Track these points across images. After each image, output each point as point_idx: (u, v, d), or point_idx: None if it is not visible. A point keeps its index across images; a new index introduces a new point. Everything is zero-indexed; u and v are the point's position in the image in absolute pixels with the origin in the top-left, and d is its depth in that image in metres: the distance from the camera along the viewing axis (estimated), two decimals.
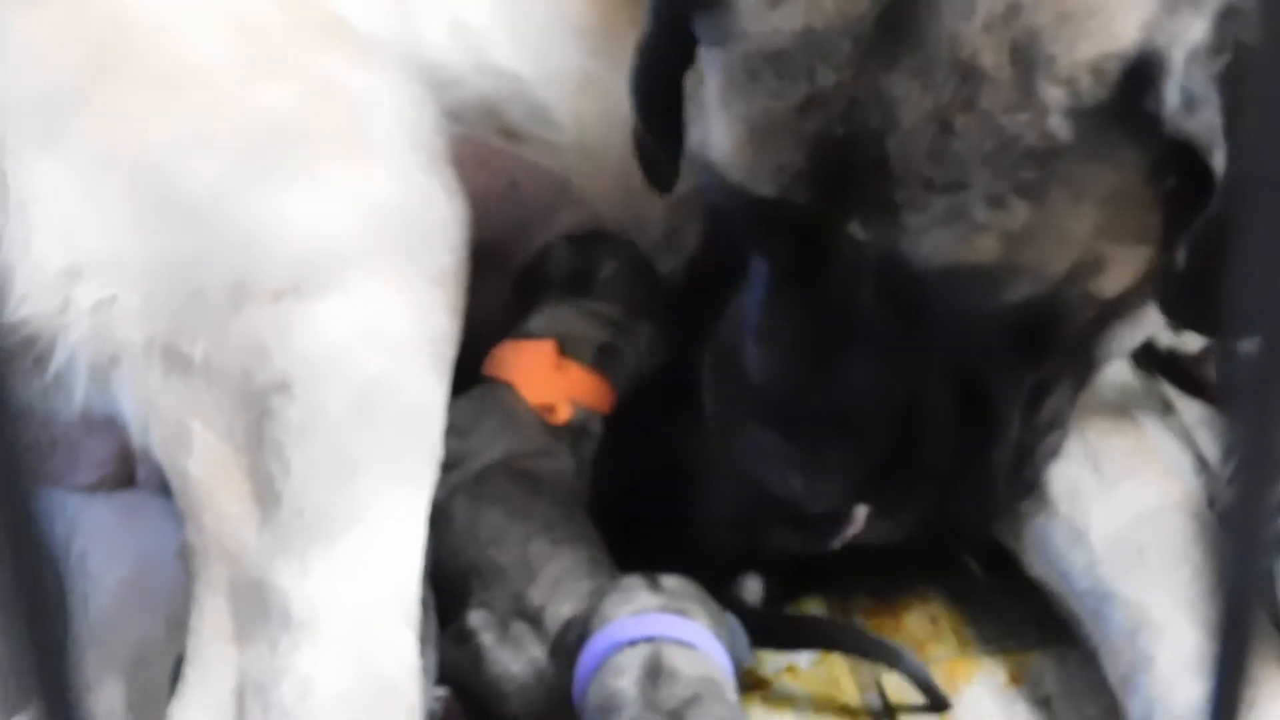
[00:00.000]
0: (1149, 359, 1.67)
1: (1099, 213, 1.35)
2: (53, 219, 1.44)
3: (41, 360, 1.44)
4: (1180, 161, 1.34)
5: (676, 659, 1.42)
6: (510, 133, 1.83)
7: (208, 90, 1.51)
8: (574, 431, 1.64)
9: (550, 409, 1.63)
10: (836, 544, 1.53)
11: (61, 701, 0.53)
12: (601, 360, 1.67)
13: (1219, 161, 1.28)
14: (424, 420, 1.47)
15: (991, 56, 1.28)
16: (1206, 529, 1.52)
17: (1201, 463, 1.71)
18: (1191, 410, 1.75)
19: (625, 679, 1.40)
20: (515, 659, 1.48)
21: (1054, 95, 1.29)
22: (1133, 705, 1.45)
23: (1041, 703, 1.57)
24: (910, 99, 1.30)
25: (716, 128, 1.41)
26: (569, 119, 1.83)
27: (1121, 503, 1.54)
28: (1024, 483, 1.53)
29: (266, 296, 1.43)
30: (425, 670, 1.44)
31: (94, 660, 1.56)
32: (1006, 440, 1.48)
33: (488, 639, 1.48)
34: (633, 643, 1.42)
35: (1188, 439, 1.73)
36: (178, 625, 1.46)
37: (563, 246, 1.77)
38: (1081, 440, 1.55)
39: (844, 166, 1.33)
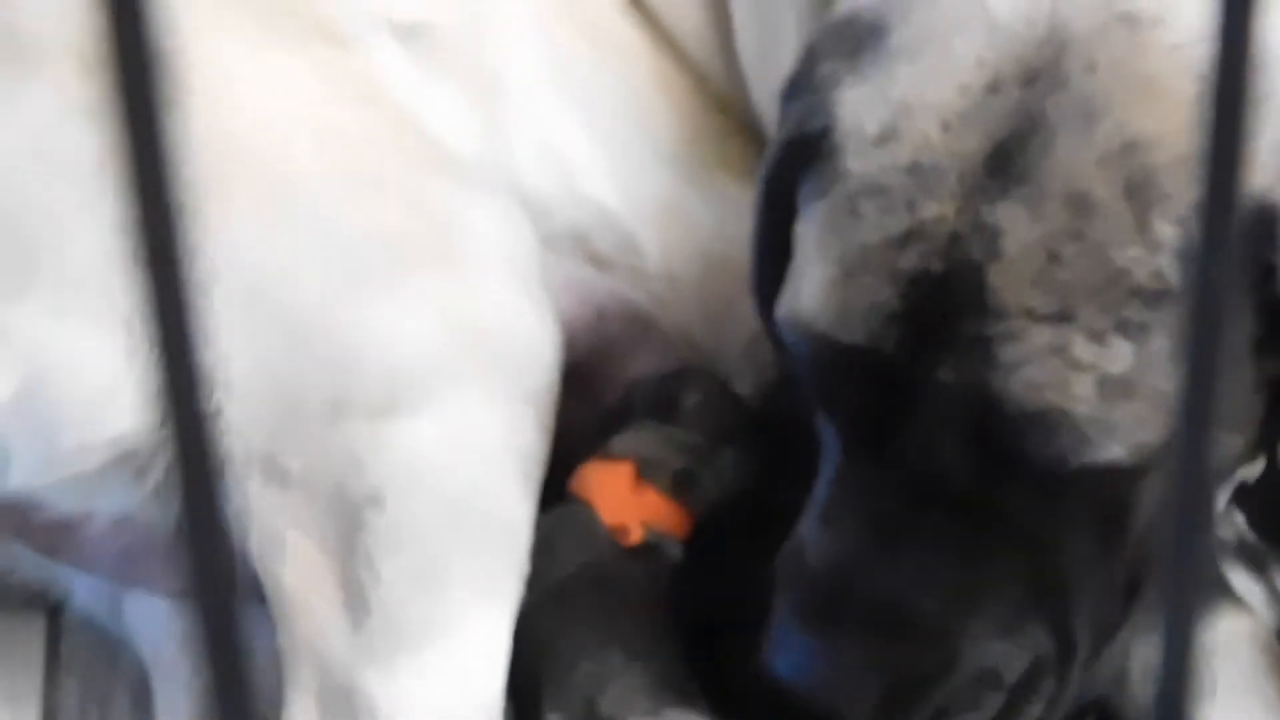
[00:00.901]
0: None
1: None
2: None
3: (143, 471, 1.45)
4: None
5: None
6: (598, 260, 1.80)
7: (310, 206, 1.52)
8: (648, 552, 1.61)
9: (624, 530, 1.60)
10: None
11: None
12: (679, 486, 1.64)
13: None
14: (511, 533, 1.48)
15: (1105, 190, 1.26)
16: (1278, 663, 1.50)
17: (1275, 597, 1.66)
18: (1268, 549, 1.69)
19: None
20: None
21: (1168, 234, 1.26)
22: None
23: None
24: (1017, 229, 1.28)
25: (808, 278, 1.38)
26: (654, 247, 1.81)
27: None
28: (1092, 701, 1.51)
29: (363, 412, 1.44)
30: None
31: None
32: (1078, 649, 1.44)
33: None
34: None
35: (1262, 575, 1.68)
36: None
37: (649, 378, 1.76)
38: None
39: (939, 305, 1.30)
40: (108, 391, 1.44)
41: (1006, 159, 1.28)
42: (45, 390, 1.44)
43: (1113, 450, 1.29)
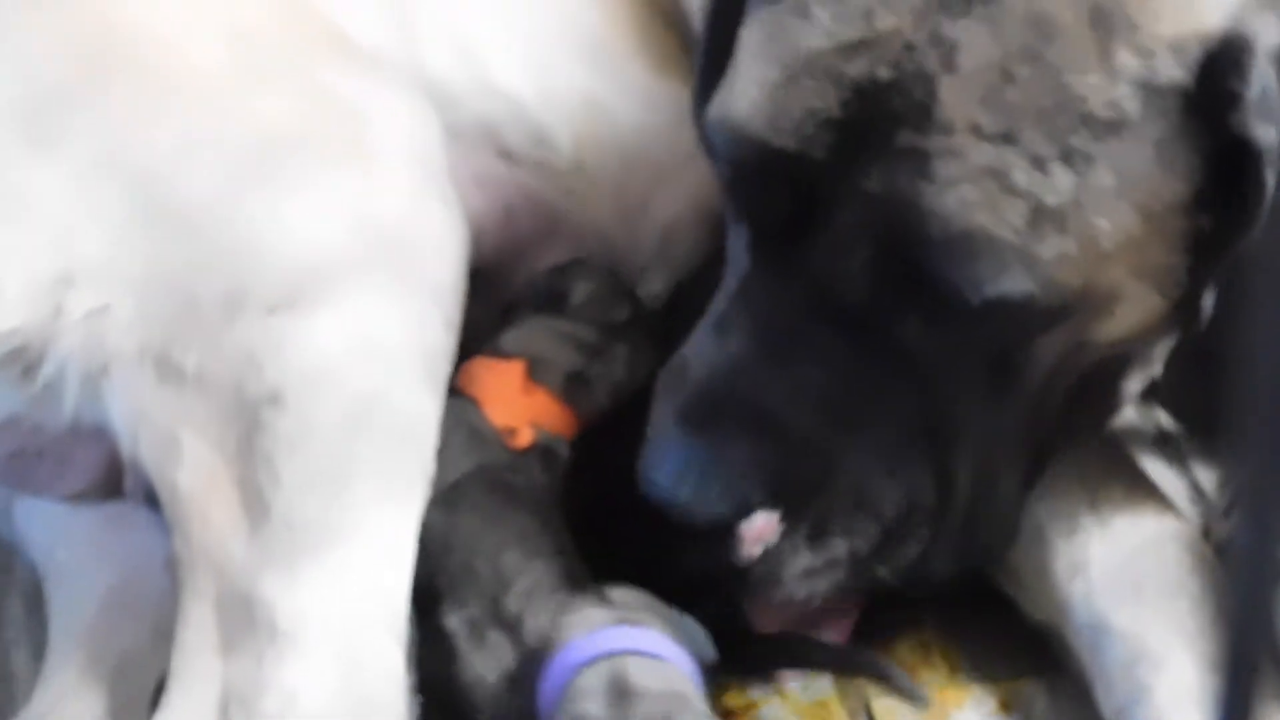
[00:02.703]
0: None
1: (1132, 222, 1.31)
2: (46, 225, 1.41)
3: (31, 368, 1.41)
4: (1217, 196, 1.32)
5: (641, 674, 1.37)
6: (508, 154, 1.80)
7: (205, 97, 1.48)
8: (539, 452, 1.60)
9: (512, 432, 1.59)
10: (745, 557, 1.44)
11: None
12: (569, 388, 1.63)
13: (1272, 176, 1.27)
14: (416, 434, 1.44)
15: (1070, 15, 1.26)
16: (1203, 560, 1.46)
17: (1197, 492, 1.66)
18: (1187, 439, 1.68)
19: (592, 703, 1.37)
20: (489, 667, 1.43)
21: (1129, 64, 1.26)
22: None
23: None
24: (974, 45, 1.26)
25: (746, 78, 1.37)
26: (567, 141, 1.80)
27: (1118, 537, 1.47)
28: (968, 553, 1.48)
29: (261, 308, 1.39)
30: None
31: (77, 669, 1.54)
32: (956, 495, 1.43)
33: (464, 644, 1.44)
34: (591, 661, 1.38)
35: (1183, 468, 1.67)
36: (163, 636, 1.42)
37: (539, 272, 1.75)
38: (1079, 475, 1.50)
39: (880, 113, 1.29)
40: None
41: None
42: None
43: (1026, 284, 1.29)
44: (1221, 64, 1.26)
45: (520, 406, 1.61)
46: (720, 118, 1.39)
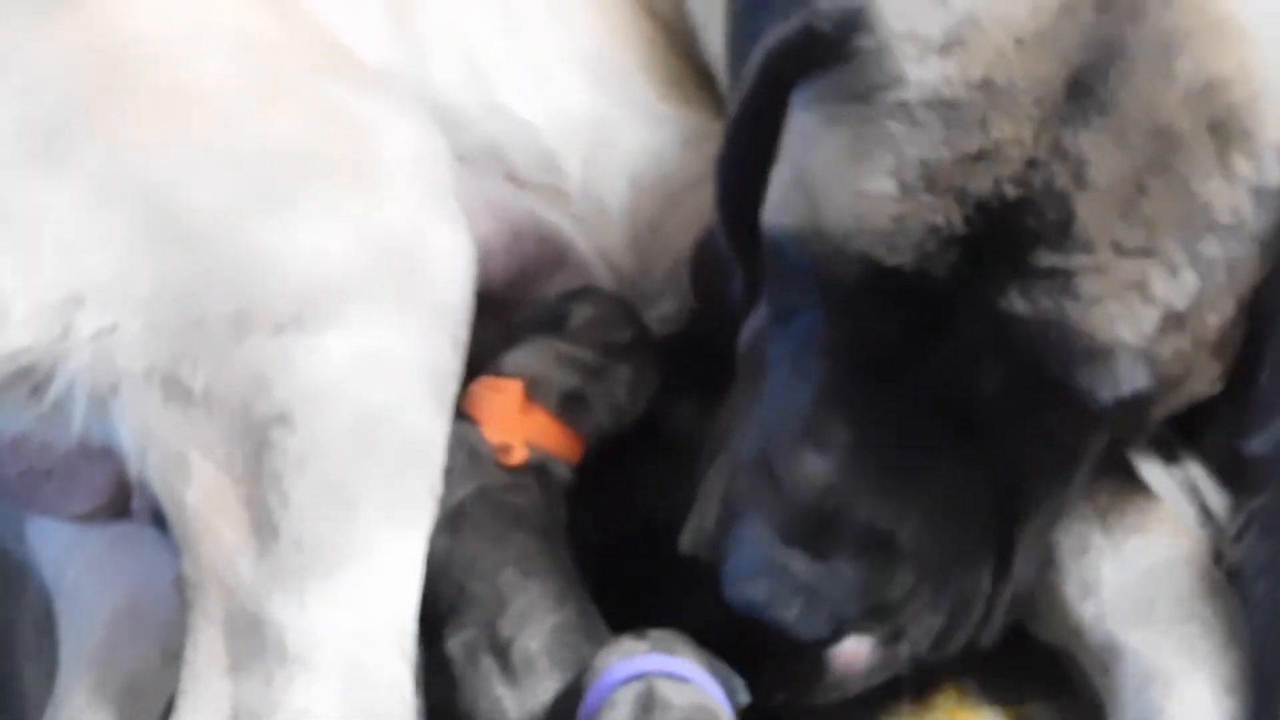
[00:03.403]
0: None
1: (1233, 313, 1.33)
2: (54, 245, 1.40)
3: (40, 388, 1.40)
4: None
5: (668, 691, 1.37)
6: (516, 178, 1.79)
7: (213, 116, 1.48)
8: (534, 470, 1.58)
9: (506, 449, 1.58)
10: (831, 677, 1.44)
11: None
12: (566, 407, 1.61)
13: None
14: (424, 454, 1.43)
15: (1189, 123, 1.26)
16: (1215, 583, 1.44)
17: (1207, 515, 1.58)
18: (1197, 462, 1.61)
19: (619, 712, 1.36)
20: (482, 693, 1.43)
21: (1244, 169, 1.27)
22: None
23: None
24: (1103, 159, 1.25)
25: (837, 186, 1.32)
26: (576, 166, 1.79)
27: (1130, 558, 1.45)
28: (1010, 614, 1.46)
29: (268, 327, 1.38)
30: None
31: (86, 690, 1.54)
32: (1010, 582, 1.42)
33: (460, 669, 1.44)
34: (625, 681, 1.38)
35: (1193, 491, 1.60)
36: (171, 656, 1.41)
37: (545, 296, 1.75)
38: (1090, 498, 1.48)
39: (1010, 230, 1.27)
40: (0, 307, 1.40)
41: (1087, 87, 1.26)
42: None
43: (1148, 382, 1.30)
44: None
45: (517, 425, 1.60)
46: (799, 229, 1.36)
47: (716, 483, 1.45)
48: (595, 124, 1.79)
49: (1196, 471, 1.61)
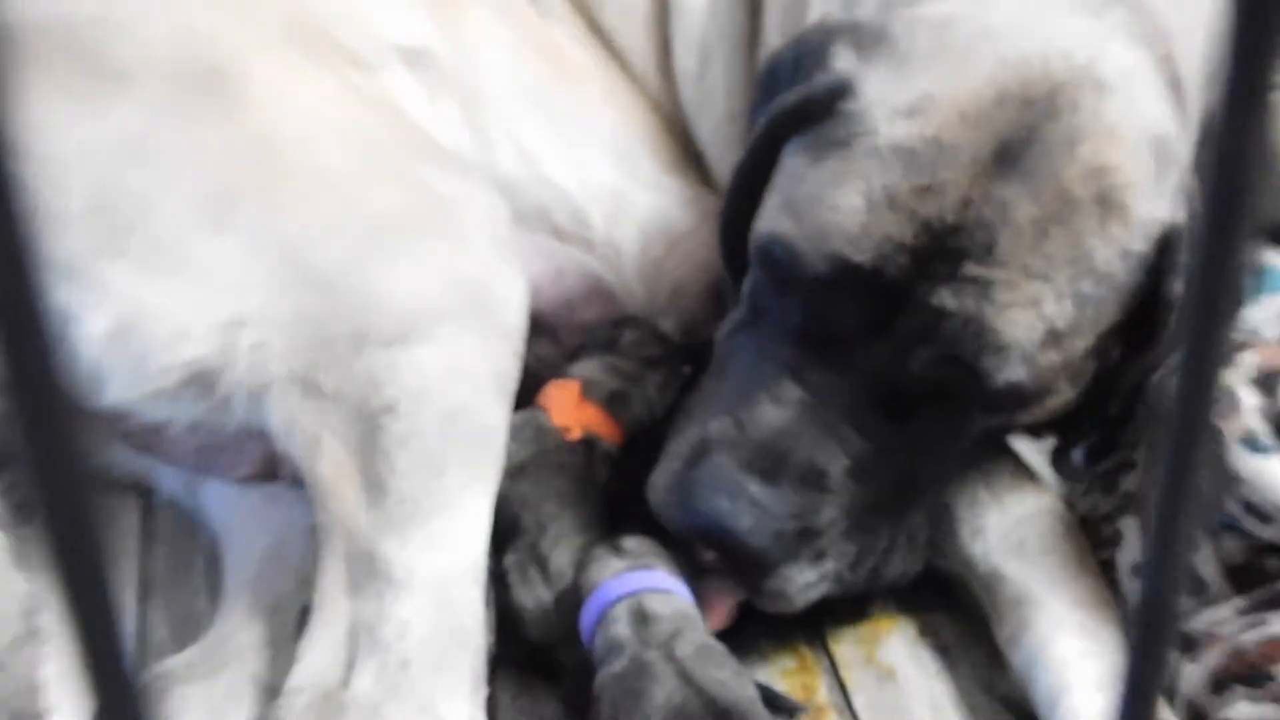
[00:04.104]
0: None
1: (1090, 345, 1.40)
2: (222, 283, 1.46)
3: (211, 386, 1.47)
4: (1126, 334, 1.41)
5: (655, 604, 1.44)
6: (558, 232, 1.87)
7: (336, 191, 1.53)
8: (584, 445, 1.66)
9: (567, 430, 1.66)
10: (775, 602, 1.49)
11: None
12: (612, 402, 1.69)
13: (1172, 321, 1.37)
14: (492, 436, 1.49)
15: (1084, 194, 1.34)
16: (1070, 527, 1.55)
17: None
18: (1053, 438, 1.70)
19: (620, 626, 1.43)
20: (528, 595, 1.51)
21: (1118, 235, 1.36)
22: (1016, 656, 1.49)
23: (941, 649, 1.61)
24: (1022, 206, 1.33)
25: (818, 205, 1.40)
26: (600, 221, 1.87)
27: (1008, 509, 1.57)
28: (910, 559, 1.54)
29: (380, 343, 1.46)
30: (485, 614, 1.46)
31: (244, 608, 1.60)
32: (911, 525, 1.51)
33: (513, 579, 1.51)
34: (617, 601, 1.45)
35: (1037, 436, 1.71)
36: (306, 583, 1.52)
37: (601, 323, 1.82)
38: (977, 466, 1.58)
39: (946, 246, 1.34)
40: (182, 325, 1.45)
41: (1012, 156, 1.34)
42: (134, 326, 1.45)
43: (1026, 379, 1.38)
44: (1169, 243, 1.37)
45: (575, 414, 1.69)
46: (786, 234, 1.42)
47: (679, 442, 1.51)
48: (614, 191, 1.87)
49: (1047, 445, 1.68)
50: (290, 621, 1.56)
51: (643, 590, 1.45)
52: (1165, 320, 1.38)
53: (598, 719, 1.39)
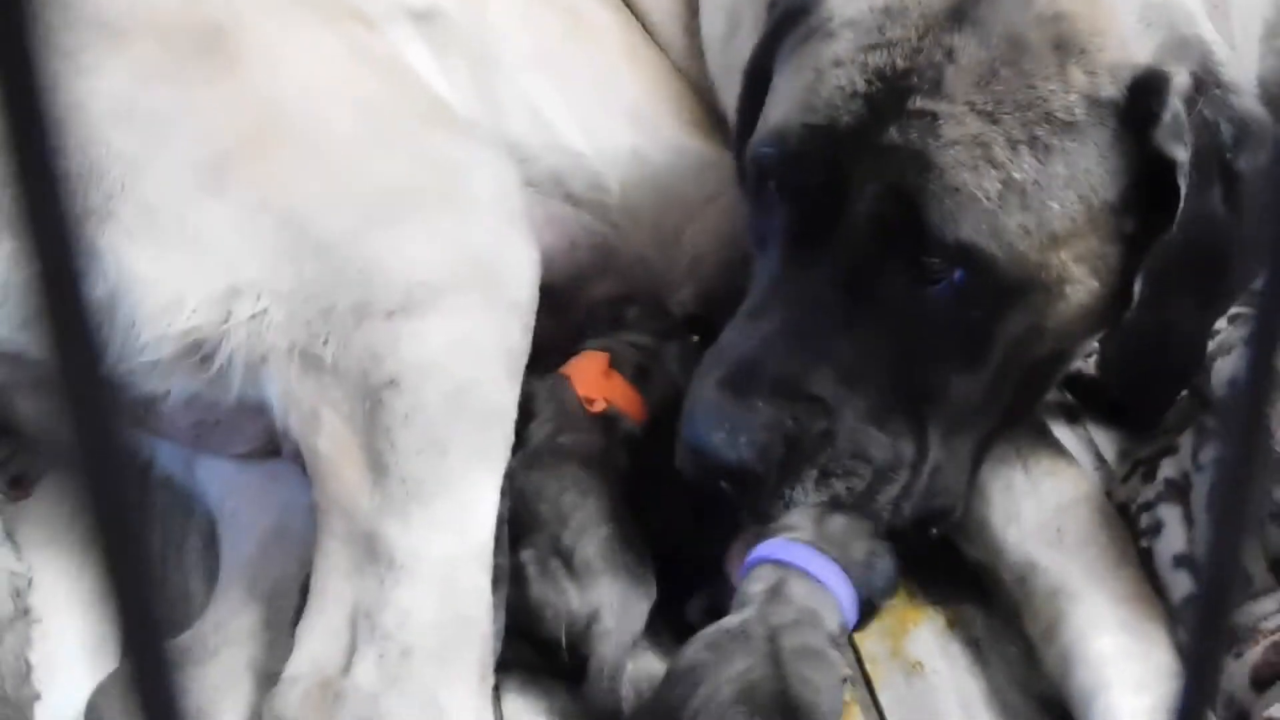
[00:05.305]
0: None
1: (1077, 211, 1.33)
2: (220, 252, 1.43)
3: (207, 358, 1.43)
4: (1139, 205, 1.34)
5: (795, 587, 1.40)
6: (572, 198, 1.81)
7: (340, 156, 1.50)
8: (605, 419, 1.61)
9: (591, 400, 1.62)
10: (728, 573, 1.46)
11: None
12: (637, 376, 1.64)
13: (1184, 188, 1.30)
14: (500, 415, 1.45)
15: (1037, 38, 1.32)
16: (1110, 517, 1.47)
17: (1100, 461, 1.67)
18: (1094, 424, 1.70)
19: (757, 586, 1.40)
20: (550, 590, 1.45)
21: (1079, 80, 1.32)
22: (1050, 651, 1.42)
23: (972, 643, 1.53)
24: (968, 49, 1.32)
25: (783, 94, 1.42)
26: (616, 186, 1.82)
27: (1045, 495, 1.49)
28: (927, 504, 1.45)
29: (381, 314, 1.41)
30: (496, 605, 1.42)
31: (240, 590, 1.55)
32: (928, 451, 1.42)
33: (531, 572, 1.46)
34: (775, 561, 1.40)
35: (1089, 443, 1.69)
36: (306, 565, 1.45)
37: (600, 301, 1.78)
38: (1014, 448, 1.51)
39: (897, 87, 1.34)
40: (176, 295, 1.41)
41: (963, 10, 1.34)
42: (125, 294, 1.41)
43: (992, 247, 1.32)
44: (1145, 88, 1.30)
45: (601, 385, 1.64)
46: (760, 137, 1.42)
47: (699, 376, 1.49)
48: (632, 154, 1.81)
49: (1093, 431, 1.66)
50: (289, 606, 1.49)
51: (798, 568, 1.40)
52: (1169, 183, 1.31)
53: (679, 661, 1.36)
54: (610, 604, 1.45)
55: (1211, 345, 1.40)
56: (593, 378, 1.64)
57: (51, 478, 1.65)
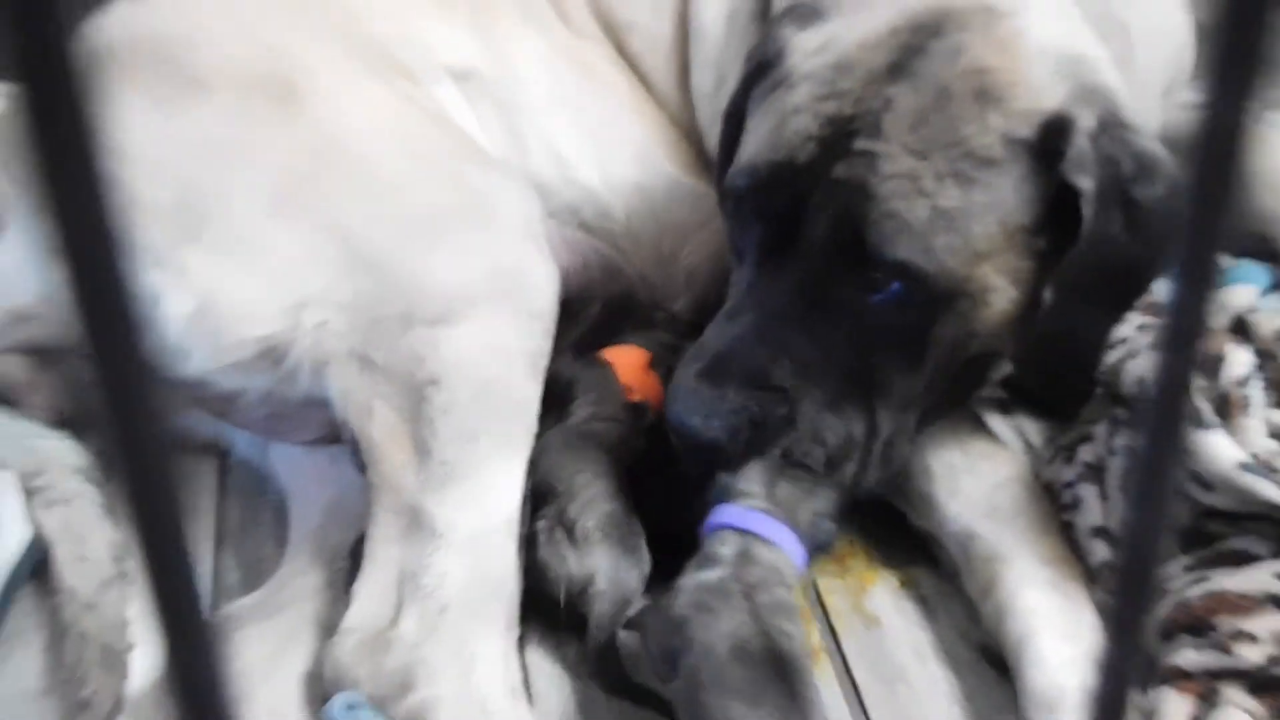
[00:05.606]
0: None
1: (996, 232, 1.38)
2: (288, 269, 1.47)
3: (278, 361, 1.48)
4: (1050, 227, 1.39)
5: (760, 551, 1.42)
6: (585, 226, 1.87)
7: (388, 187, 1.53)
8: (637, 409, 1.65)
9: (629, 390, 1.67)
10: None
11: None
12: (667, 376, 1.62)
13: (1088, 213, 1.36)
14: (524, 408, 1.49)
15: (961, 89, 1.38)
16: (1036, 493, 1.52)
17: (1029, 446, 1.71)
18: (1023, 414, 1.76)
19: (726, 549, 1.42)
20: (553, 555, 1.49)
21: (997, 123, 1.38)
22: (987, 606, 1.47)
23: (921, 600, 1.58)
24: (904, 99, 1.39)
25: (755, 135, 1.47)
26: (622, 215, 1.88)
27: (982, 474, 1.54)
28: (884, 472, 1.51)
29: (424, 322, 1.46)
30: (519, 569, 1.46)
31: (306, 555, 1.59)
32: (879, 433, 1.47)
33: (541, 539, 1.50)
34: (735, 529, 1.43)
35: (1019, 431, 1.73)
36: (361, 533, 1.48)
37: (636, 306, 1.86)
38: (954, 432, 1.57)
39: (844, 131, 1.39)
40: (254, 306, 1.46)
41: (901, 66, 1.41)
42: (213, 307, 1.46)
43: (924, 264, 1.38)
44: (1054, 129, 1.37)
45: (641, 380, 1.69)
46: (735, 170, 1.47)
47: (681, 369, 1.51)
48: (636, 188, 1.88)
49: (1023, 421, 1.71)
50: (347, 568, 1.52)
51: (758, 535, 1.43)
52: (1074, 209, 1.37)
53: (670, 610, 1.37)
54: (604, 570, 1.46)
55: (1122, 350, 1.42)
56: (636, 372, 1.68)
57: None
